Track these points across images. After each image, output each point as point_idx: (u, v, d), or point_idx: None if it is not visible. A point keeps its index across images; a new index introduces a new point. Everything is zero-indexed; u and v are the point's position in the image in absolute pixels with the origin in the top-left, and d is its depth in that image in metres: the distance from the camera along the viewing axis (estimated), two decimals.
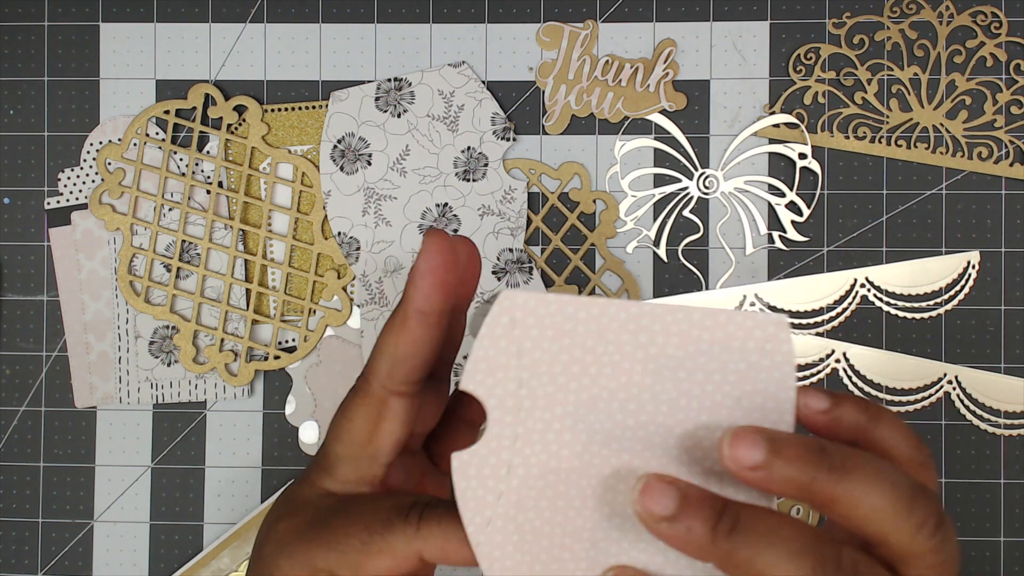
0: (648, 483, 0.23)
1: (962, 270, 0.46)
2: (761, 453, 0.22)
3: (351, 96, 0.47)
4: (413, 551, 0.26)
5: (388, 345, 0.26)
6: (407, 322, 0.26)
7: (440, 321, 0.26)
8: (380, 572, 0.27)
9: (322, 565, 0.27)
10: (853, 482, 0.22)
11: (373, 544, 0.27)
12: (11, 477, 0.48)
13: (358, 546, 0.27)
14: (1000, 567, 0.45)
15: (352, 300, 0.47)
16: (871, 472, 0.22)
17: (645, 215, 0.47)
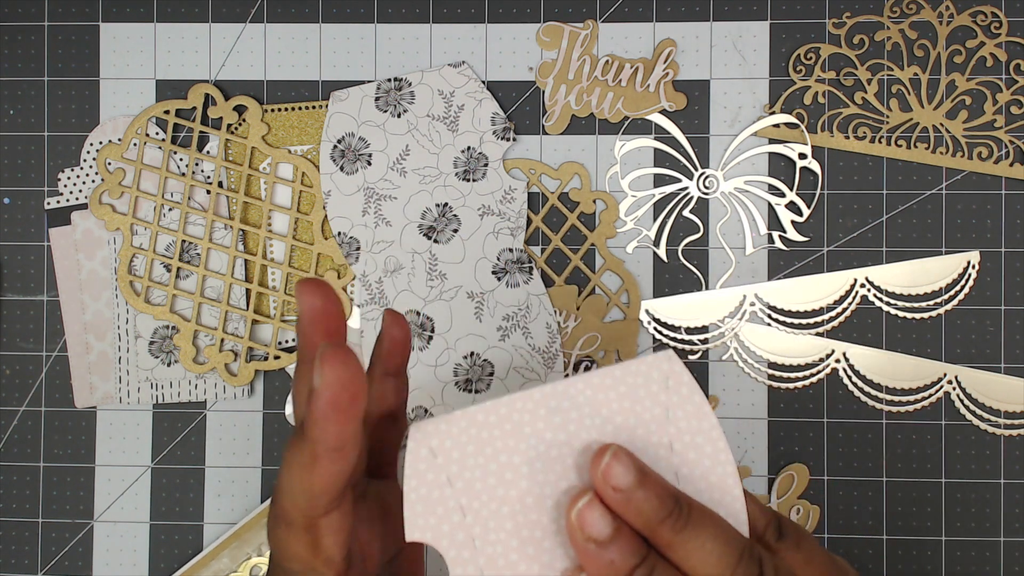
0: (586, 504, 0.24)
1: (962, 270, 0.46)
2: (630, 477, 0.23)
3: (351, 96, 0.47)
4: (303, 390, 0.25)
5: (300, 483, 0.24)
6: (319, 461, 0.24)
7: (357, 441, 0.24)
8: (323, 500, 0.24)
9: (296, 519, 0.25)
10: (693, 533, 0.24)
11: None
12: (11, 477, 0.48)
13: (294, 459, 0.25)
14: (1000, 567, 0.45)
15: (352, 300, 0.47)
16: (710, 527, 0.24)
17: (645, 215, 0.47)
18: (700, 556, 0.24)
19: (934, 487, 0.45)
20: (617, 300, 0.46)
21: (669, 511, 0.24)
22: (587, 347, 0.46)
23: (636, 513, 0.24)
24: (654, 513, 0.24)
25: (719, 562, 0.24)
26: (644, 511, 0.24)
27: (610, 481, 0.24)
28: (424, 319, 0.46)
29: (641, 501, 0.24)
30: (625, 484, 0.24)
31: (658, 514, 0.24)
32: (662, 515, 0.24)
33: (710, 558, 0.24)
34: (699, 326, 0.46)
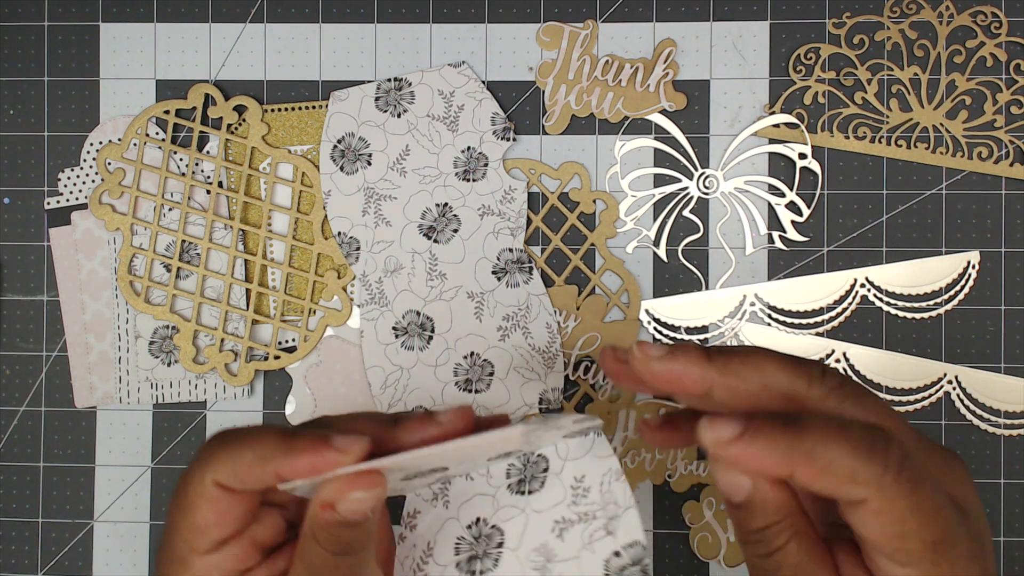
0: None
1: (962, 270, 0.46)
2: (736, 427, 0.25)
3: (351, 96, 0.47)
4: (207, 483, 0.28)
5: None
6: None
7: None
8: (209, 519, 0.28)
9: (178, 551, 0.29)
10: (813, 437, 0.24)
11: (184, 503, 0.28)
12: (11, 477, 0.48)
13: (179, 513, 0.29)
14: (1000, 567, 0.45)
15: (352, 300, 0.47)
16: (826, 426, 0.25)
17: (645, 215, 0.47)
18: (829, 455, 0.24)
19: None
20: (617, 300, 0.46)
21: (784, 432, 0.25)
22: (587, 347, 0.46)
23: (759, 453, 0.25)
24: (774, 441, 0.25)
25: (854, 452, 0.24)
26: (766, 446, 0.25)
27: (723, 438, 0.25)
28: (424, 319, 0.46)
29: (756, 438, 0.25)
30: (734, 432, 0.25)
31: (778, 439, 0.25)
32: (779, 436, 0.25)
33: (843, 453, 0.24)
34: (699, 326, 0.46)
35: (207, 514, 0.28)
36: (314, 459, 0.27)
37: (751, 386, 0.27)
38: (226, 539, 0.28)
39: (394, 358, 0.46)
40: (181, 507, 0.28)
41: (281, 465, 0.27)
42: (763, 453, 0.24)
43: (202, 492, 0.28)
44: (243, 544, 0.29)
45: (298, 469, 0.27)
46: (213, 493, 0.28)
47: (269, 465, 0.27)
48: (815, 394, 0.27)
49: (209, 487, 0.28)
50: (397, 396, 0.46)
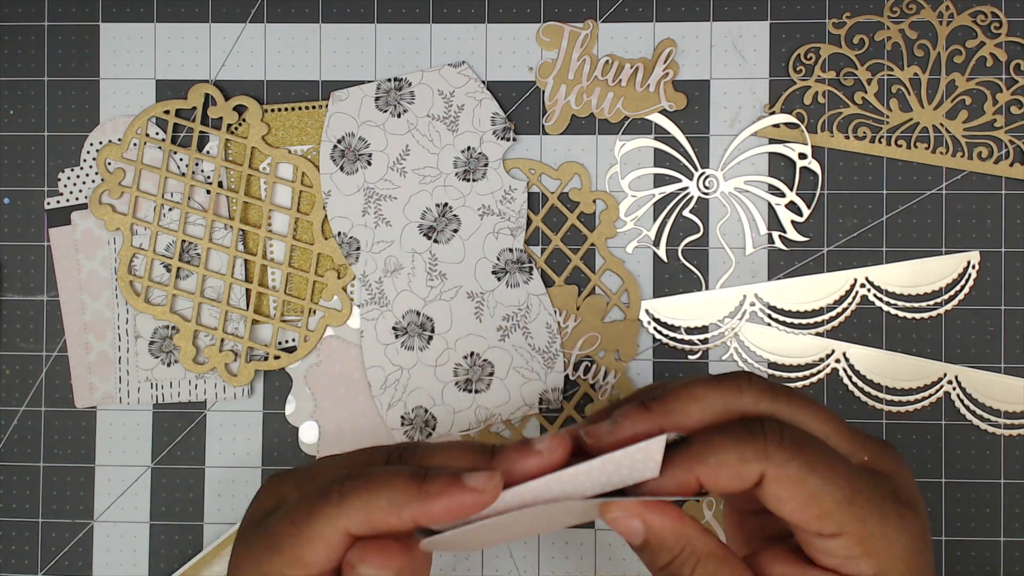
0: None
1: (962, 270, 0.46)
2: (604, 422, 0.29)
3: (351, 96, 0.47)
4: (340, 529, 0.27)
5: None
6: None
7: None
8: (319, 558, 0.27)
9: (270, 570, 0.28)
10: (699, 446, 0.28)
11: (301, 534, 0.27)
12: (11, 477, 0.48)
13: (290, 540, 0.28)
14: (1000, 567, 0.45)
15: (352, 300, 0.47)
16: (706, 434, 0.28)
17: (645, 215, 0.47)
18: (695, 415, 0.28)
19: (934, 487, 0.45)
20: (617, 300, 0.46)
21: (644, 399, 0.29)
22: (587, 347, 0.46)
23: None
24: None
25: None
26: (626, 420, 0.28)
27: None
28: (424, 319, 0.46)
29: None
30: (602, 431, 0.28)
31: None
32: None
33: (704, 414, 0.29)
34: (699, 326, 0.46)
35: (320, 556, 0.27)
36: (451, 502, 0.26)
37: (694, 416, 0.28)
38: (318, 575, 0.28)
39: (394, 358, 0.46)
40: (296, 537, 0.28)
41: (416, 511, 0.27)
42: (667, 476, 0.27)
43: (326, 536, 0.27)
44: (327, 574, 0.29)
45: (435, 514, 0.27)
46: (338, 541, 0.27)
47: (404, 512, 0.27)
48: (749, 400, 0.29)
49: (339, 533, 0.27)
50: (397, 396, 0.46)
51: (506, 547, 0.46)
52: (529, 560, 0.46)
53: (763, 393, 0.29)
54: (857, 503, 0.27)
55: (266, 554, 0.28)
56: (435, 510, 0.26)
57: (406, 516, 0.27)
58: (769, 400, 0.29)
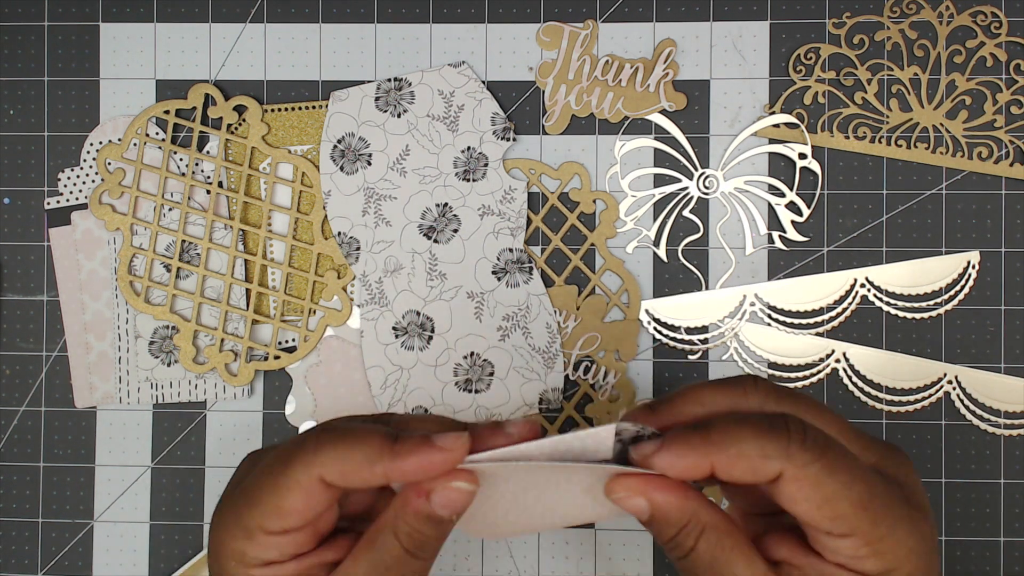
0: None
1: (962, 270, 0.46)
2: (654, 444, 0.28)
3: (351, 96, 0.47)
4: (314, 475, 0.28)
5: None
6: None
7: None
8: (296, 505, 0.28)
9: (250, 523, 0.29)
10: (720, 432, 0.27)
11: (278, 483, 0.28)
12: (11, 477, 0.48)
13: (268, 490, 0.29)
14: (1000, 567, 0.45)
15: (352, 300, 0.47)
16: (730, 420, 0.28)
17: (645, 215, 0.47)
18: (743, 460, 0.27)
19: (934, 487, 0.45)
20: (617, 300, 0.46)
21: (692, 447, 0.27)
22: (587, 347, 0.46)
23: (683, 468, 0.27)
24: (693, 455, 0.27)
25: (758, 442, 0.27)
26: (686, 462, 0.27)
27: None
28: (424, 319, 0.46)
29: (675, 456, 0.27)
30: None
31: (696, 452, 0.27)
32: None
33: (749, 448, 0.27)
34: (699, 326, 0.46)
35: (297, 503, 0.28)
36: (420, 460, 0.28)
37: (698, 417, 0.29)
38: (297, 528, 0.29)
39: (394, 358, 0.46)
40: (274, 487, 0.29)
41: (389, 468, 0.28)
42: (681, 456, 0.27)
43: (302, 482, 0.28)
44: (307, 532, 0.30)
45: (406, 471, 0.28)
46: (313, 487, 0.28)
47: (377, 467, 0.28)
48: (754, 402, 0.29)
49: (312, 480, 0.28)
50: (397, 396, 0.46)
51: (506, 547, 0.46)
52: (529, 560, 0.46)
53: (769, 395, 0.29)
54: (872, 507, 0.27)
55: (245, 509, 0.29)
56: (406, 466, 0.28)
57: (378, 471, 0.28)
58: (775, 402, 0.29)
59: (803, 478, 0.27)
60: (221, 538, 0.30)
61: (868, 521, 0.27)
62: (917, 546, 0.27)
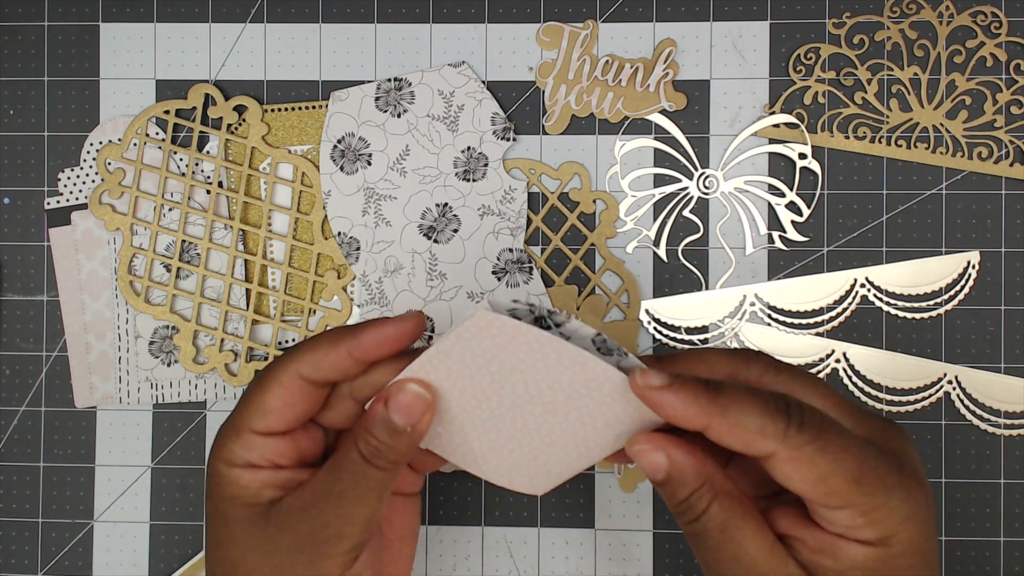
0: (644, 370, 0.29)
1: (962, 270, 0.46)
2: (665, 378, 0.28)
3: (351, 96, 0.47)
4: (292, 372, 0.32)
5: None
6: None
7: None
8: (277, 402, 0.32)
9: (239, 423, 0.32)
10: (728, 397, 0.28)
11: (262, 384, 0.32)
12: (11, 477, 0.48)
13: (254, 393, 0.32)
14: (1000, 567, 0.45)
15: (352, 300, 0.47)
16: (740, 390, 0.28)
17: (645, 215, 0.47)
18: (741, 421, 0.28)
19: (934, 487, 0.46)
20: (617, 300, 0.46)
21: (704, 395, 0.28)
22: None
23: (679, 404, 0.28)
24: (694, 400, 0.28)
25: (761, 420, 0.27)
26: (687, 400, 0.28)
27: (652, 384, 0.28)
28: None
29: (680, 391, 0.28)
30: (663, 381, 0.28)
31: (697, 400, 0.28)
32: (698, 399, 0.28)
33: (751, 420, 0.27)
34: (699, 326, 0.46)
35: (276, 399, 0.31)
36: (376, 333, 0.31)
37: (699, 375, 0.29)
38: (281, 431, 0.32)
39: None
40: (260, 387, 0.32)
41: (352, 345, 0.31)
42: (684, 403, 0.27)
43: (282, 379, 0.31)
44: (288, 442, 0.32)
45: (366, 345, 0.31)
46: (293, 383, 0.31)
47: (340, 346, 0.31)
48: (754, 373, 0.30)
49: (291, 376, 0.31)
50: None
51: (506, 547, 0.46)
52: (529, 560, 0.46)
53: (768, 367, 0.31)
54: (865, 480, 0.28)
55: (236, 412, 0.32)
56: (364, 340, 0.31)
57: (342, 349, 0.31)
58: (774, 373, 0.30)
59: (798, 459, 0.27)
60: (217, 442, 0.32)
61: (862, 493, 0.27)
62: (913, 513, 0.28)
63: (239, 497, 0.31)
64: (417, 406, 0.30)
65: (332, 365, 0.31)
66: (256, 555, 0.31)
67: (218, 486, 0.32)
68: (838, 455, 0.27)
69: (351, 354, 0.31)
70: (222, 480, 0.32)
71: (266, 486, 0.32)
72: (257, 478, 0.32)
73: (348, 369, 0.32)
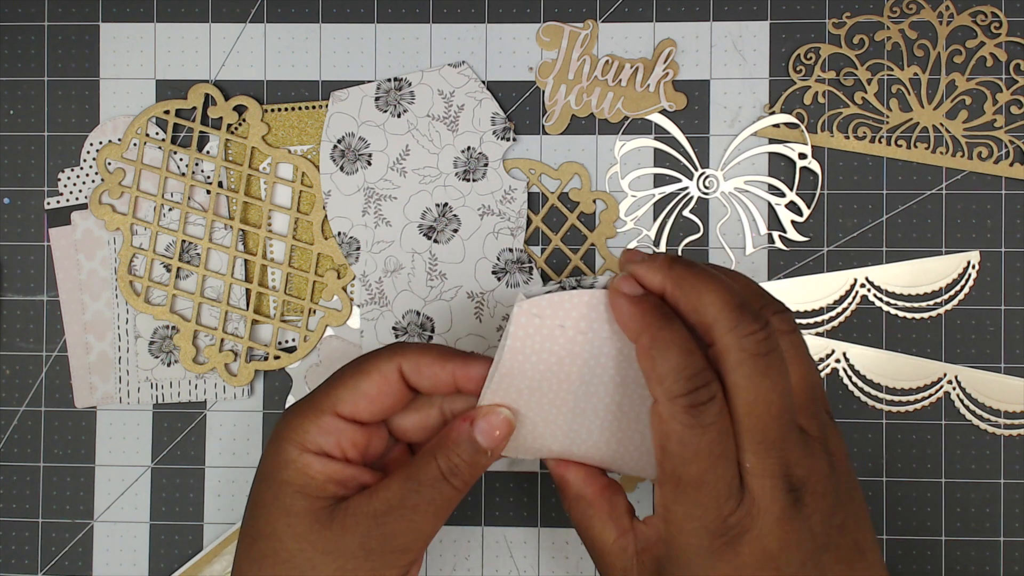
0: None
1: (962, 270, 0.46)
2: (641, 255, 0.31)
3: (351, 96, 0.47)
4: (395, 364, 0.32)
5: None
6: None
7: None
8: (373, 389, 0.32)
9: (323, 403, 0.32)
10: (696, 283, 0.29)
11: (361, 368, 0.33)
12: (11, 477, 0.48)
13: (351, 373, 0.32)
14: (1000, 567, 0.45)
15: (352, 300, 0.47)
16: (710, 280, 0.29)
17: (645, 215, 0.47)
18: (704, 299, 0.29)
19: (934, 487, 0.46)
20: None
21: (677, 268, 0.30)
22: None
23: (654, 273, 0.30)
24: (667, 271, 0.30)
25: (721, 308, 0.29)
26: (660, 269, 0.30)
27: (634, 259, 0.31)
28: (424, 319, 0.46)
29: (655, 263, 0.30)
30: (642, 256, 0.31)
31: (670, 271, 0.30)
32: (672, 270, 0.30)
33: (711, 308, 0.29)
34: None
35: (372, 385, 0.32)
36: (484, 367, 0.32)
37: (688, 304, 0.30)
38: (361, 420, 0.32)
39: None
40: (358, 371, 0.32)
41: (458, 368, 0.32)
42: (656, 276, 0.30)
43: (383, 368, 0.32)
44: (364, 434, 0.33)
45: (471, 375, 0.32)
46: (392, 374, 0.32)
47: (448, 365, 0.32)
48: (730, 341, 0.29)
49: (392, 368, 0.32)
50: None
51: (506, 547, 0.46)
52: (529, 560, 0.46)
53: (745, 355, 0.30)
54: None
55: (322, 392, 0.32)
56: (471, 371, 0.32)
57: (448, 368, 0.32)
58: (666, 269, 0.31)
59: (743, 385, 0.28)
60: (288, 422, 0.32)
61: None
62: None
63: (305, 487, 0.31)
64: (504, 431, 0.31)
65: (431, 376, 0.32)
66: (316, 554, 0.30)
67: (282, 470, 0.31)
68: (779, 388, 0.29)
69: (454, 376, 0.32)
70: (289, 465, 0.31)
71: (331, 480, 0.31)
72: (326, 470, 0.31)
73: (442, 387, 0.32)
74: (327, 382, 0.33)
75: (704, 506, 0.28)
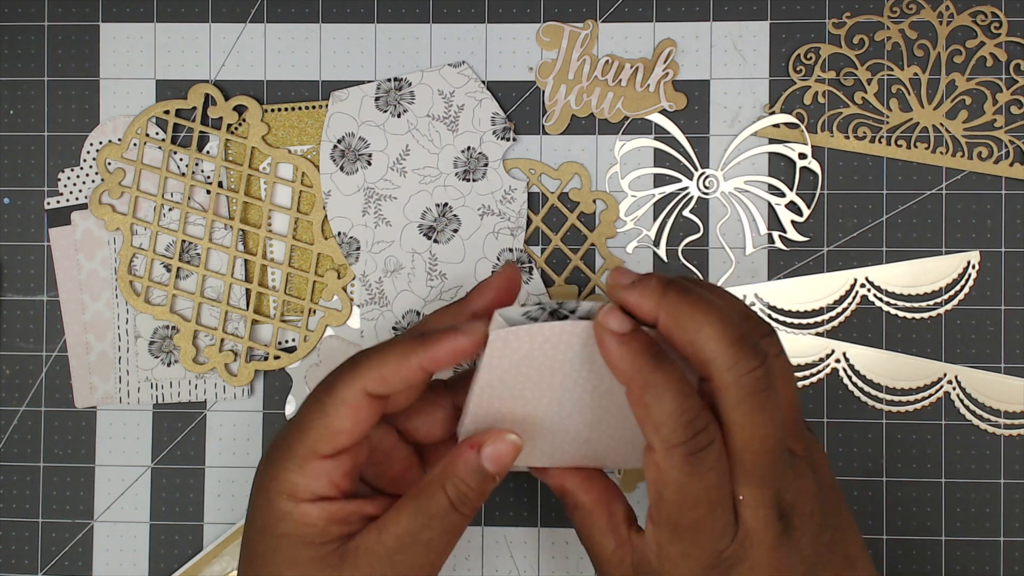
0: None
1: (962, 270, 0.46)
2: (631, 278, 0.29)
3: (351, 96, 0.47)
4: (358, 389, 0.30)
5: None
6: None
7: None
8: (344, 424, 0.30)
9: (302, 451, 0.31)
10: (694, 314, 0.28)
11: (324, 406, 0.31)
12: (11, 477, 0.48)
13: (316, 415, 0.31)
14: (1000, 567, 0.45)
15: (352, 300, 0.47)
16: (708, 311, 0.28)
17: (645, 215, 0.47)
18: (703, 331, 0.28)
19: (934, 487, 0.46)
20: None
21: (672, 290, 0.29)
22: None
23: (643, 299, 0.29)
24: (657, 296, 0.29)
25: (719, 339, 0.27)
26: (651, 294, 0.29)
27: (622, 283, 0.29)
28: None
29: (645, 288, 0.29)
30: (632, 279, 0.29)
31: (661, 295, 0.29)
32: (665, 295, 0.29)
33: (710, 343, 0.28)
34: None
35: (345, 421, 0.30)
36: (450, 344, 0.30)
37: (684, 337, 0.28)
38: (346, 449, 0.31)
39: None
40: (321, 409, 0.30)
41: (423, 358, 0.30)
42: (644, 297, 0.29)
43: (347, 398, 0.30)
44: (353, 459, 0.31)
45: (439, 357, 0.30)
46: (358, 401, 0.30)
47: (412, 360, 0.30)
48: (729, 379, 0.28)
49: (356, 394, 0.30)
50: None
51: (506, 547, 0.46)
52: (529, 560, 0.46)
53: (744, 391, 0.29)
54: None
55: (295, 438, 0.31)
56: (439, 352, 0.30)
57: (413, 363, 0.30)
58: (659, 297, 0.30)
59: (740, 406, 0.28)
60: (272, 474, 0.31)
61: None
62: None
63: (306, 536, 0.30)
64: (512, 455, 0.30)
65: (401, 380, 0.30)
66: None
67: (279, 523, 0.30)
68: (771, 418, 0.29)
69: (423, 368, 0.30)
70: (285, 518, 0.30)
71: (333, 521, 0.30)
72: (325, 513, 0.30)
73: (418, 382, 0.31)
74: (296, 423, 0.31)
75: (700, 547, 0.28)
